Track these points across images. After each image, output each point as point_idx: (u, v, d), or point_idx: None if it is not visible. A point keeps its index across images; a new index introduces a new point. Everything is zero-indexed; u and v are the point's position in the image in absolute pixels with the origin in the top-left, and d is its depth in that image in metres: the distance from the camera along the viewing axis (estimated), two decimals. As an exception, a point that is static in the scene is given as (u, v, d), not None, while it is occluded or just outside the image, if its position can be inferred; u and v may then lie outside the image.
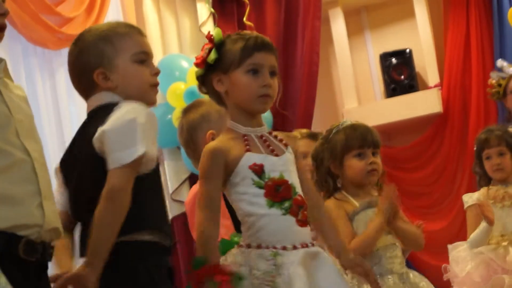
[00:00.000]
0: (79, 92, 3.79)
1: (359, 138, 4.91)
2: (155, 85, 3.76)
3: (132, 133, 3.39)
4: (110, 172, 3.34)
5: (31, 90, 6.92)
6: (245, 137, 3.61)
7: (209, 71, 3.66)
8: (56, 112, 7.47)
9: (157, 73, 3.76)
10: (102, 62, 3.63)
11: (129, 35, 3.72)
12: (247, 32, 3.84)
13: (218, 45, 3.65)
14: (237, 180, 3.58)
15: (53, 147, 7.04)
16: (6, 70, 3.41)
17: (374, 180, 4.89)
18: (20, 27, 7.01)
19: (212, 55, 3.61)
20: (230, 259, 3.54)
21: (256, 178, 3.53)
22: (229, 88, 3.63)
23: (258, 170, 3.52)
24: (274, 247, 3.47)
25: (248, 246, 3.50)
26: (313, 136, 5.72)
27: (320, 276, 3.48)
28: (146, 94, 3.71)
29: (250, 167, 3.53)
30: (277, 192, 3.53)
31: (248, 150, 3.55)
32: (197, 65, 3.69)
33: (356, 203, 4.78)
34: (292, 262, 3.45)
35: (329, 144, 4.93)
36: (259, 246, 3.49)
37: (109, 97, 3.54)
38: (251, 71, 3.60)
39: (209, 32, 3.80)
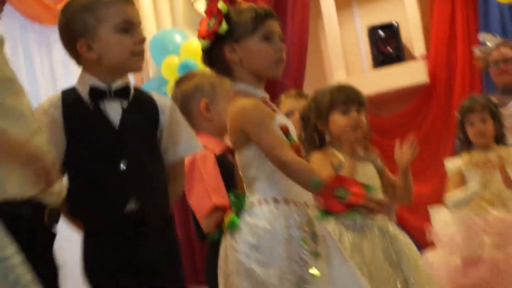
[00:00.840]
0: (74, 61, 3.83)
1: (344, 94, 5.03)
2: (139, 52, 3.74)
3: None
4: None
5: (29, 65, 7.38)
6: (265, 100, 3.79)
7: (218, 43, 3.75)
8: (53, 86, 7.55)
9: (141, 40, 3.76)
10: (85, 32, 3.67)
11: (112, 4, 3.73)
12: (248, 3, 4.02)
13: (227, 16, 3.73)
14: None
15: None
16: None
17: (358, 136, 5.01)
18: (17, 4, 7.12)
19: (224, 26, 3.68)
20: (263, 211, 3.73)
21: (285, 138, 3.69)
22: (244, 56, 3.73)
23: (286, 131, 3.68)
24: (303, 204, 3.74)
25: (276, 201, 3.72)
26: (299, 95, 5.97)
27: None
28: (128, 62, 3.72)
29: (280, 128, 3.68)
30: (299, 153, 3.75)
31: (276, 112, 3.77)
32: (204, 37, 3.78)
33: (341, 157, 4.92)
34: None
35: (315, 103, 5.08)
36: (293, 202, 3.73)
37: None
38: (265, 37, 3.72)
39: (213, 5, 3.79)
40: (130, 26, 3.66)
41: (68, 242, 4.49)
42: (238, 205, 3.83)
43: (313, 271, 3.54)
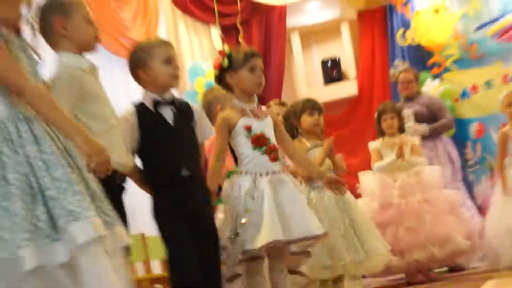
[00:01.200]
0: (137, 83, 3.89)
1: (310, 103, 5.37)
2: (176, 76, 3.78)
3: None
4: None
5: (111, 83, 6.47)
6: (242, 110, 3.97)
7: (223, 71, 4.01)
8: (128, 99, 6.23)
9: (177, 69, 3.80)
10: (143, 64, 3.69)
11: (159, 47, 3.77)
12: (244, 47, 4.29)
13: (228, 56, 4.00)
14: (236, 134, 3.91)
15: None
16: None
17: (318, 130, 5.39)
18: (105, 44, 6.77)
19: (226, 62, 3.96)
20: (232, 180, 3.93)
21: (246, 133, 3.89)
22: (237, 81, 3.98)
23: (248, 128, 3.89)
24: (255, 174, 3.86)
25: (241, 173, 3.91)
26: (281, 104, 6.02)
27: (282, 188, 3.87)
28: (170, 82, 3.77)
29: (243, 126, 3.90)
30: (258, 141, 3.89)
31: (244, 116, 3.92)
32: (215, 68, 4.06)
33: (308, 144, 5.24)
34: (265, 182, 3.82)
35: (292, 109, 5.38)
36: (247, 173, 3.88)
37: None
38: (251, 69, 3.95)
39: (222, 49, 4.16)
40: (171, 60, 3.72)
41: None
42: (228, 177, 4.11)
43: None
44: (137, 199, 4.31)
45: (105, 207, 2.56)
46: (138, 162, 3.82)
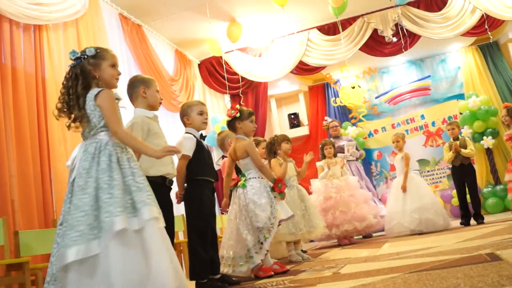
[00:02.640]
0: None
1: (287, 137, 5.36)
2: (206, 123, 3.69)
3: None
4: None
5: (166, 128, 6.62)
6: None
7: (233, 120, 4.00)
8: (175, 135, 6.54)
9: (206, 118, 3.70)
10: (185, 115, 3.67)
11: (197, 106, 3.67)
12: (245, 107, 4.26)
13: (240, 111, 3.99)
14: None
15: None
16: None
17: (290, 152, 5.35)
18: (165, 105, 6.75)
19: (237, 115, 3.97)
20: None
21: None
22: (243, 127, 4.00)
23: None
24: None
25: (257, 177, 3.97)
26: (264, 140, 5.67)
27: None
28: (202, 126, 3.67)
29: None
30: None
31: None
32: (229, 116, 4.04)
33: (282, 161, 4.97)
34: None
35: (276, 138, 5.17)
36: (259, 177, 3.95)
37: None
38: (251, 121, 4.02)
39: (236, 107, 4.05)
40: (203, 113, 3.64)
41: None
42: (243, 177, 4.04)
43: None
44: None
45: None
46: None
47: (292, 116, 9.79)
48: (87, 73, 2.57)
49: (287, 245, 4.98)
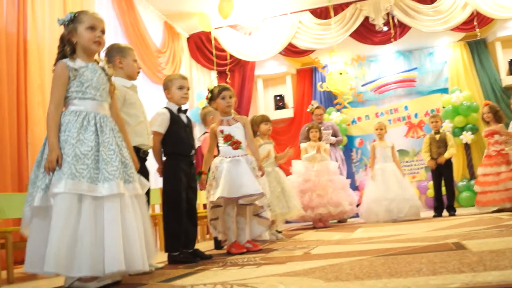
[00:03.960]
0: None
1: (265, 117, 5.17)
2: (186, 97, 3.63)
3: None
4: None
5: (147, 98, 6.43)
6: (222, 120, 3.92)
7: (210, 100, 3.99)
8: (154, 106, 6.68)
9: (187, 92, 3.64)
10: (167, 88, 3.65)
11: (177, 80, 3.62)
12: (224, 84, 4.23)
13: (211, 91, 3.96)
14: (217, 136, 3.89)
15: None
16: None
17: (269, 133, 5.17)
18: (148, 75, 6.83)
19: (209, 95, 3.96)
20: (216, 162, 3.85)
21: (221, 134, 3.85)
22: (217, 106, 3.95)
23: (221, 131, 3.85)
24: (223, 157, 3.83)
25: (218, 156, 3.88)
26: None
27: (238, 165, 3.79)
28: (181, 100, 3.62)
29: (219, 130, 3.87)
30: (226, 138, 3.84)
31: (221, 125, 3.89)
32: (207, 98, 4.02)
33: (262, 141, 5.03)
34: (226, 161, 3.79)
35: (254, 119, 5.12)
36: (219, 156, 3.87)
37: None
38: (222, 98, 3.91)
39: (208, 87, 4.01)
40: (183, 87, 3.58)
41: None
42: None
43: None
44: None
45: (129, 171, 2.54)
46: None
47: (278, 98, 9.77)
48: (65, 41, 2.56)
49: (262, 224, 5.02)
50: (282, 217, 5.17)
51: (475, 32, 7.70)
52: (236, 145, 3.90)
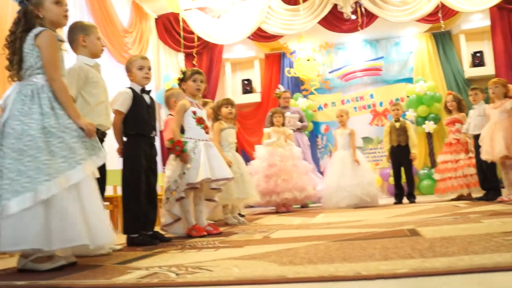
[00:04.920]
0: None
1: (228, 101, 5.10)
2: (147, 78, 3.59)
3: None
4: None
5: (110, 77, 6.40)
6: (191, 102, 3.94)
7: (181, 80, 4.01)
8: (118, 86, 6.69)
9: (148, 72, 3.59)
10: (128, 70, 3.60)
11: (136, 61, 3.59)
12: (194, 68, 4.23)
13: (183, 73, 4.03)
14: (187, 115, 3.89)
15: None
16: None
17: (231, 117, 5.08)
18: (113, 54, 6.72)
19: (181, 75, 4.00)
20: (191, 143, 3.82)
21: (193, 115, 3.88)
22: (187, 88, 3.99)
23: (194, 112, 3.89)
24: (196, 139, 3.87)
25: (187, 138, 3.86)
26: (212, 102, 5.54)
27: (210, 149, 3.89)
28: (142, 81, 3.57)
29: (191, 111, 3.89)
30: (200, 121, 3.90)
31: (192, 106, 3.91)
32: (178, 79, 4.06)
33: (225, 125, 5.01)
34: (201, 144, 3.84)
35: (217, 104, 5.11)
36: (191, 138, 3.85)
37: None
38: (193, 81, 3.96)
39: (181, 69, 4.22)
40: (143, 67, 3.54)
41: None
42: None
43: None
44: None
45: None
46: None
47: (246, 82, 9.76)
48: (30, 15, 2.50)
49: (223, 208, 5.04)
50: (238, 202, 5.16)
51: (439, 24, 7.82)
52: (207, 129, 3.98)
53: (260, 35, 8.37)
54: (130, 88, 3.58)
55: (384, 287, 1.47)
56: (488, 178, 5.61)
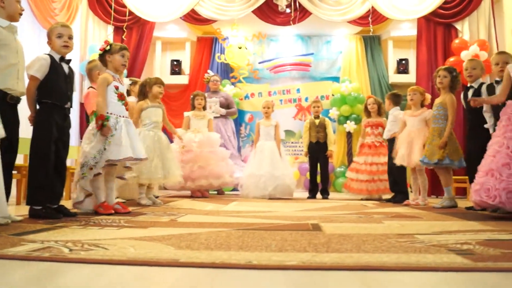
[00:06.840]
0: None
1: (158, 80, 5.12)
2: (67, 47, 3.54)
3: None
4: None
5: (29, 42, 6.38)
6: (113, 77, 3.91)
7: (105, 52, 3.95)
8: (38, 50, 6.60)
9: (67, 40, 3.53)
10: (50, 37, 3.53)
11: (57, 29, 3.54)
12: (121, 43, 4.17)
13: (110, 45, 3.96)
14: (109, 89, 3.84)
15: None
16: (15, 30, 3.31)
17: (160, 96, 5.09)
18: (38, 18, 6.46)
19: (107, 48, 3.92)
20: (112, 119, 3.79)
21: (115, 90, 3.87)
22: (112, 60, 3.93)
23: (116, 87, 3.87)
24: (117, 115, 3.85)
25: (111, 113, 3.81)
26: (139, 81, 5.59)
27: (129, 127, 3.90)
28: (62, 50, 3.51)
29: (114, 86, 3.87)
30: (121, 96, 3.90)
31: (114, 80, 3.89)
32: (100, 50, 3.99)
33: (149, 104, 5.00)
34: (122, 120, 3.85)
35: (146, 82, 5.06)
36: (112, 114, 3.80)
37: None
38: (121, 55, 3.95)
39: (107, 40, 4.03)
40: (62, 35, 3.49)
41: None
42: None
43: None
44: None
45: None
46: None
47: (175, 63, 9.54)
48: None
49: (139, 188, 4.98)
50: (161, 181, 5.13)
51: (369, 28, 8.07)
52: (127, 106, 4.00)
53: (193, 17, 8.29)
54: (49, 55, 3.51)
55: (272, 277, 1.50)
56: (397, 181, 5.86)
